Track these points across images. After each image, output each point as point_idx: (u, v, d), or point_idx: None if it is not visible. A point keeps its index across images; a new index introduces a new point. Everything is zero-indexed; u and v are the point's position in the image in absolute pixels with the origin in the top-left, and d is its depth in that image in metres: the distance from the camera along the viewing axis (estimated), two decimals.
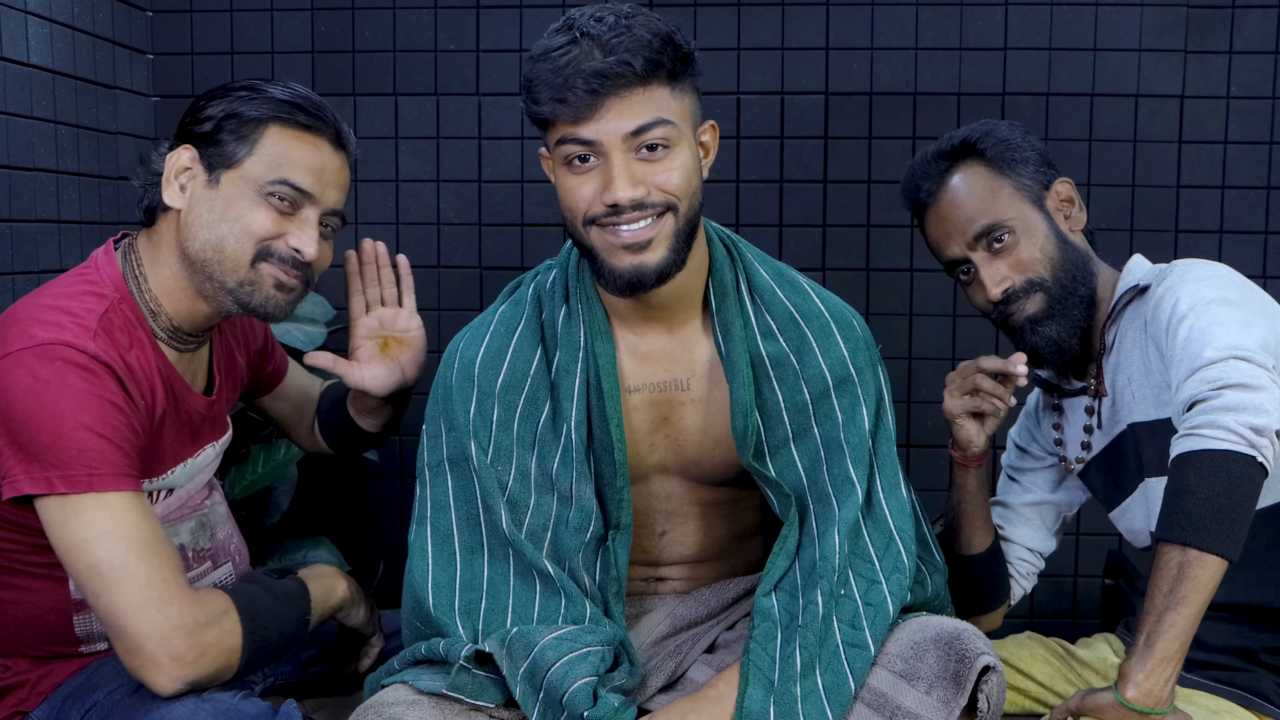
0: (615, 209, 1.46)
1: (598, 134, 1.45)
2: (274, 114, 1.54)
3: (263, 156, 1.54)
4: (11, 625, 1.57)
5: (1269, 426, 1.40)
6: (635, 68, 1.43)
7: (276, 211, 1.54)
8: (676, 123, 1.47)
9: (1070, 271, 1.69)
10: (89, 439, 1.41)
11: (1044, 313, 1.68)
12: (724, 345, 1.59)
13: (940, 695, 1.39)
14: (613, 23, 1.45)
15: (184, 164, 1.55)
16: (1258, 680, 1.58)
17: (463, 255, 2.71)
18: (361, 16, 2.68)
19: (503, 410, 1.59)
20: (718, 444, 1.62)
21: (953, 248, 1.73)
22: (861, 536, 1.53)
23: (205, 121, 1.55)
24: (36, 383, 1.42)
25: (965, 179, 1.72)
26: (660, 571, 1.68)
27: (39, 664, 1.58)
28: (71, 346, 1.44)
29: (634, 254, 1.48)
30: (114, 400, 1.45)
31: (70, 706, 1.54)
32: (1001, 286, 1.69)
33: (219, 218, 1.54)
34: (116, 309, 1.52)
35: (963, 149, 1.73)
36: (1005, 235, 1.68)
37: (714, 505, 1.67)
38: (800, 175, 2.66)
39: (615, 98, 1.43)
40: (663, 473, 1.64)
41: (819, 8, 2.63)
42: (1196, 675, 1.62)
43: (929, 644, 1.43)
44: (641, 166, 1.46)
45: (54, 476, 1.40)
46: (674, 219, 1.49)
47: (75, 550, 1.41)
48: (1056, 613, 2.69)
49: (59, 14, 2.29)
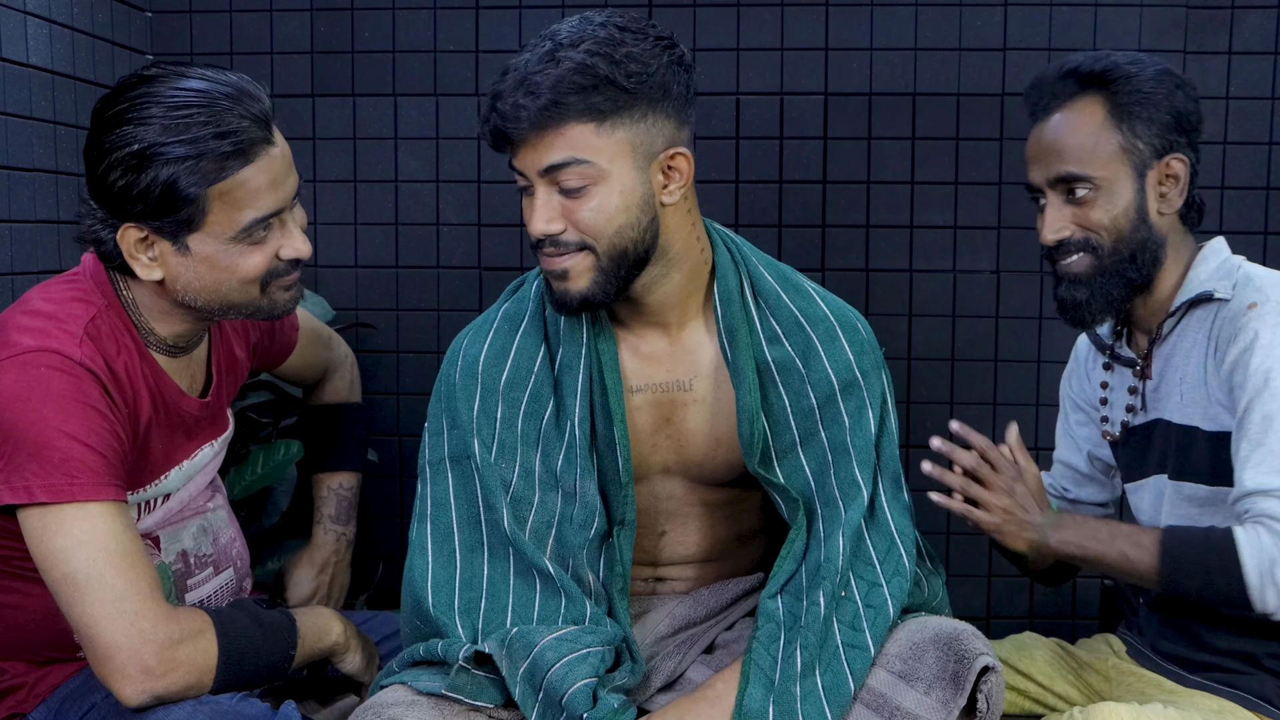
0: (538, 240, 1.51)
1: (520, 165, 1.50)
2: (211, 177, 1.43)
3: (219, 212, 1.45)
4: (10, 629, 1.56)
5: None
6: (530, 112, 1.44)
7: (258, 244, 1.50)
8: (596, 161, 1.46)
9: (1131, 251, 1.63)
10: (71, 447, 1.40)
11: (1085, 276, 1.64)
12: (729, 351, 1.59)
13: (939, 695, 1.40)
14: (543, 54, 1.44)
15: (137, 237, 1.47)
16: (1261, 684, 1.58)
17: (462, 256, 2.71)
18: (361, 17, 2.68)
19: (506, 407, 1.59)
20: (720, 445, 1.62)
21: (1034, 173, 1.67)
22: (864, 539, 1.54)
23: (138, 201, 1.43)
24: (21, 390, 1.41)
25: (1078, 115, 1.63)
26: (660, 571, 1.68)
27: (36, 667, 1.58)
28: (57, 353, 1.43)
29: (557, 280, 1.52)
30: (98, 407, 1.44)
31: (68, 709, 1.54)
32: (1058, 235, 1.64)
33: (209, 278, 1.50)
34: (104, 316, 1.50)
35: (1096, 80, 1.63)
36: (1085, 190, 1.61)
37: (715, 506, 1.67)
38: (800, 175, 2.66)
39: (530, 136, 1.46)
40: (665, 473, 1.64)
41: (819, 8, 2.62)
42: (1199, 677, 1.62)
43: (928, 644, 1.43)
44: (564, 201, 1.49)
45: (34, 485, 1.39)
46: (593, 256, 1.50)
47: (51, 559, 1.40)
48: (1056, 613, 2.69)
49: (58, 14, 2.29)
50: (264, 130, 1.47)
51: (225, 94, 1.44)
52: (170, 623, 1.41)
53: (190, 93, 1.43)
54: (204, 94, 1.43)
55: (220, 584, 1.70)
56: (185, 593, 1.64)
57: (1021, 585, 2.71)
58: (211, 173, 1.42)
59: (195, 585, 1.64)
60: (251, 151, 1.45)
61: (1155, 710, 1.47)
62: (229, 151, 1.43)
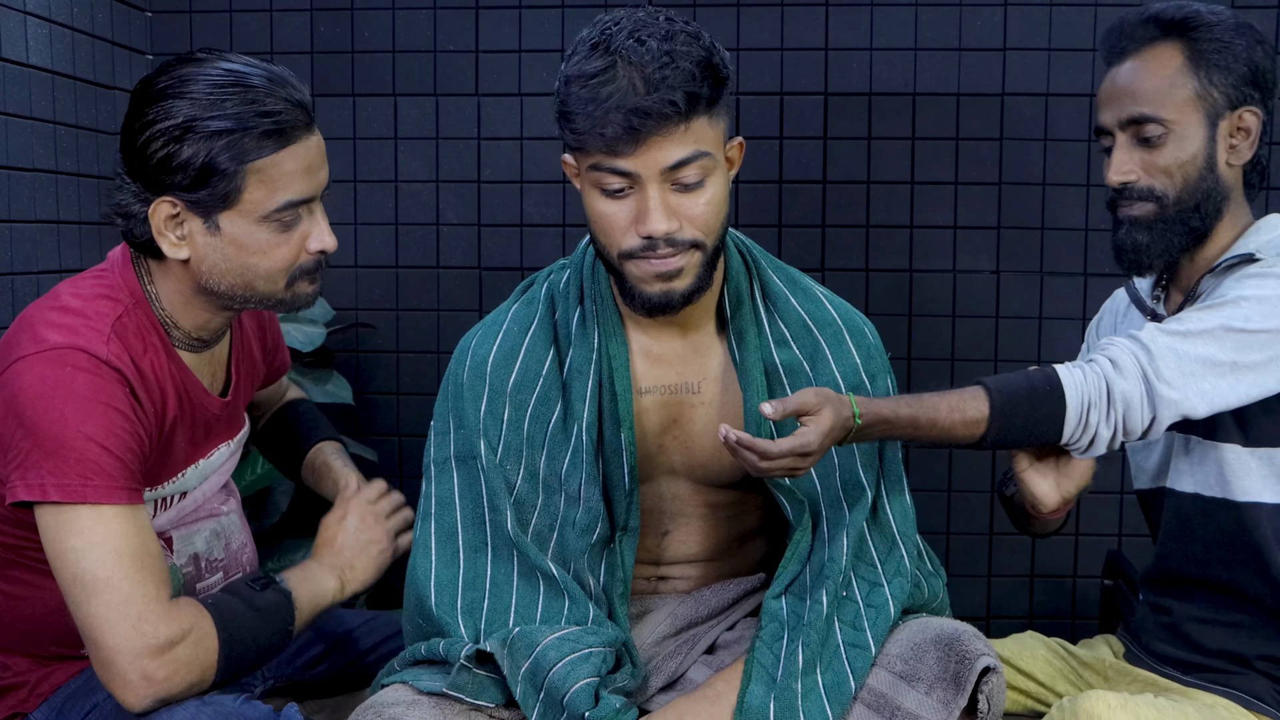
0: (650, 241, 1.46)
1: (635, 167, 1.43)
2: (251, 155, 1.45)
3: (255, 189, 1.47)
4: (18, 622, 1.56)
5: (1118, 434, 1.51)
6: (679, 106, 1.40)
7: (287, 229, 1.51)
8: (713, 152, 1.46)
9: (1195, 200, 1.61)
10: (89, 449, 1.40)
11: (1145, 222, 1.63)
12: (738, 353, 1.60)
13: (940, 696, 1.40)
14: (656, 50, 1.41)
15: (169, 213, 1.47)
16: (1253, 683, 1.58)
17: (462, 256, 2.71)
18: (361, 17, 2.68)
19: (513, 409, 1.59)
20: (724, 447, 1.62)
21: (1104, 114, 1.65)
22: (866, 541, 1.54)
23: (178, 172, 1.44)
24: (45, 388, 1.41)
25: (1155, 59, 1.61)
26: (663, 571, 1.69)
27: (40, 665, 1.58)
28: (83, 351, 1.43)
29: (665, 282, 1.49)
30: (120, 408, 1.43)
31: (71, 708, 1.54)
32: (1123, 178, 1.62)
33: (237, 263, 1.50)
34: (131, 314, 1.50)
35: (1176, 26, 1.62)
36: (1155, 133, 1.60)
37: (718, 507, 1.67)
38: (800, 175, 2.66)
39: (657, 135, 1.41)
40: (670, 474, 1.64)
41: (819, 8, 2.63)
42: (1193, 678, 1.62)
43: (929, 645, 1.43)
44: (676, 198, 1.46)
45: (49, 485, 1.39)
46: (700, 252, 1.49)
47: (62, 558, 1.40)
48: (1056, 613, 2.69)
49: (58, 14, 2.29)
50: (305, 116, 1.49)
51: (269, 77, 1.48)
52: (171, 624, 1.41)
53: (234, 73, 1.46)
54: (247, 75, 1.47)
55: None
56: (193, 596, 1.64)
57: (1021, 585, 2.71)
58: (251, 150, 1.44)
59: (204, 589, 1.64)
60: (291, 134, 1.47)
61: (1144, 700, 1.47)
62: (269, 130, 1.45)
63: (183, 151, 1.44)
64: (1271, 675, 1.58)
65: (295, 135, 1.48)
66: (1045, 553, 2.69)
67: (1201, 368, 1.51)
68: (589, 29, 1.47)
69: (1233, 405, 1.52)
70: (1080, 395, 1.51)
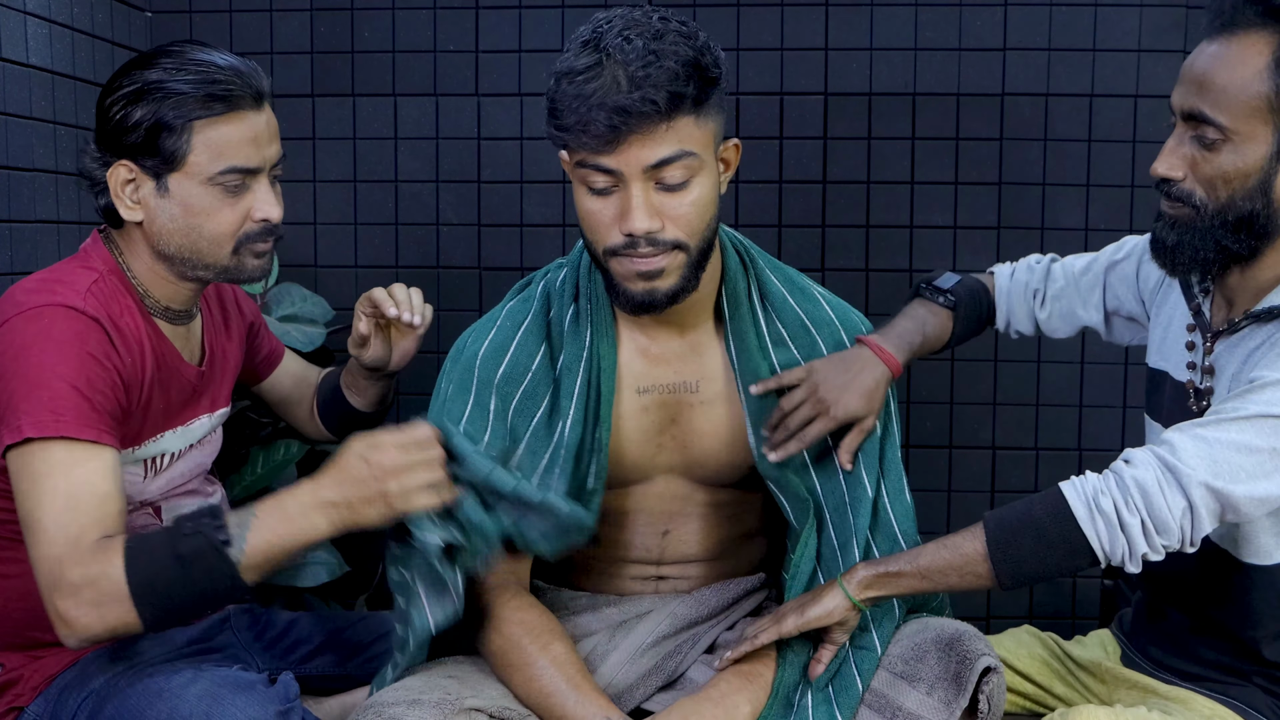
0: (631, 239, 1.46)
1: (617, 164, 1.43)
2: (196, 113, 1.55)
3: (200, 152, 1.55)
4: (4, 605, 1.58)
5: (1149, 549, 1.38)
6: (660, 105, 1.40)
7: (233, 195, 1.58)
8: (698, 152, 1.45)
9: (1237, 219, 1.45)
10: (62, 388, 1.44)
11: (1176, 223, 1.49)
12: (736, 356, 1.60)
13: (941, 696, 1.40)
14: (642, 49, 1.40)
15: (125, 178, 1.58)
16: (1250, 694, 1.57)
17: (462, 256, 2.71)
18: (361, 17, 2.68)
19: (499, 400, 1.59)
20: (725, 447, 1.62)
21: (1176, 92, 1.48)
22: (870, 542, 1.55)
23: (131, 131, 1.55)
24: (26, 339, 1.46)
25: (1241, 50, 1.42)
26: (663, 570, 1.69)
27: (31, 658, 1.59)
28: (62, 305, 1.49)
29: (647, 281, 1.48)
30: (95, 354, 1.48)
31: (68, 696, 1.55)
32: (1167, 171, 1.48)
33: (183, 223, 1.58)
34: (105, 279, 1.58)
35: (1277, 14, 1.42)
36: (1212, 137, 1.44)
37: (718, 506, 1.67)
38: (799, 176, 2.66)
39: (638, 133, 1.41)
40: (669, 473, 1.65)
41: (818, 8, 2.63)
42: (1191, 684, 1.61)
43: (929, 645, 1.44)
44: (659, 197, 1.45)
45: (24, 423, 1.42)
46: (684, 253, 1.48)
47: (21, 498, 1.43)
48: (1055, 613, 2.69)
49: (58, 14, 2.29)
50: (255, 99, 1.59)
51: (231, 64, 1.59)
52: (80, 565, 1.38)
53: (200, 57, 1.58)
54: (211, 58, 1.58)
55: None
56: None
57: None
58: (196, 110, 1.54)
59: None
60: (237, 103, 1.56)
61: (1137, 714, 1.46)
62: (216, 95, 1.55)
63: (135, 112, 1.54)
64: (1270, 690, 1.57)
65: (242, 105, 1.57)
66: None
67: (1235, 453, 1.38)
68: (585, 26, 1.47)
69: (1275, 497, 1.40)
70: (1079, 491, 1.41)
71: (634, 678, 1.57)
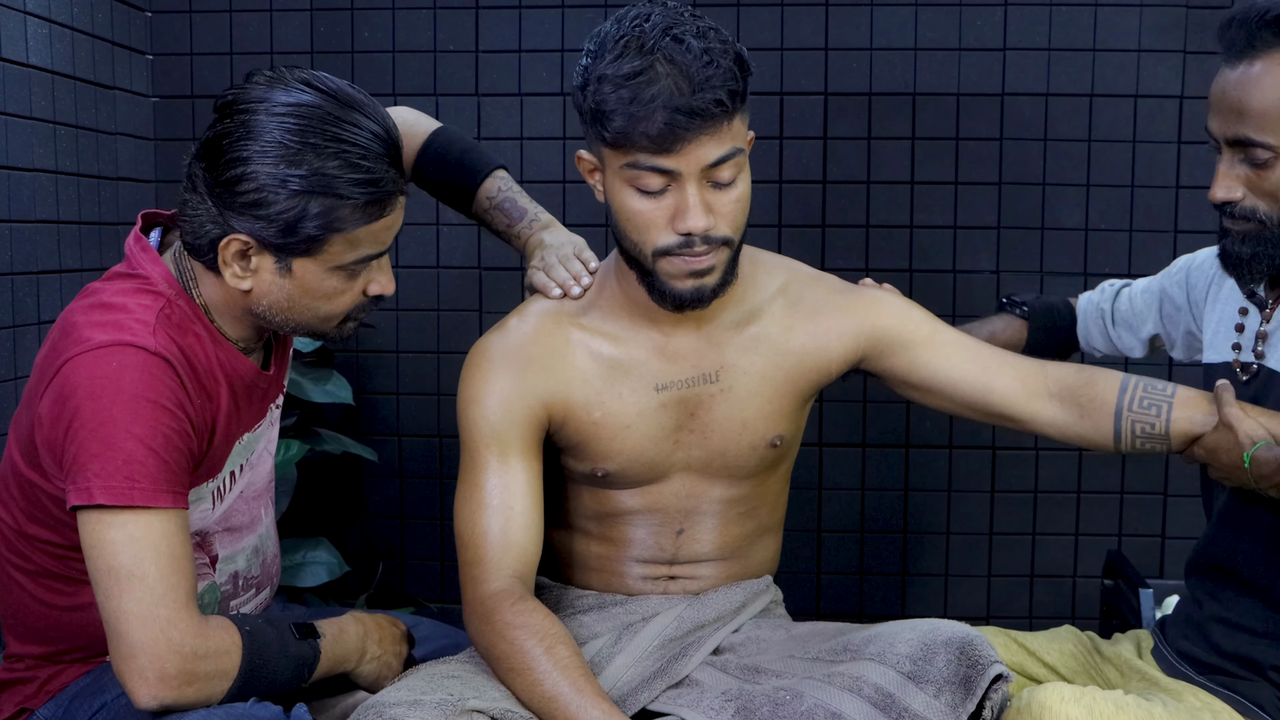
0: (688, 238, 1.47)
1: (678, 165, 1.44)
2: (360, 222, 1.45)
3: (339, 246, 1.47)
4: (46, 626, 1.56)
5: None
6: (726, 105, 1.42)
7: (354, 277, 1.51)
8: (744, 148, 1.49)
9: None
10: (136, 449, 1.38)
11: (1246, 237, 1.53)
12: (758, 354, 1.62)
13: (949, 699, 1.37)
14: (697, 49, 1.41)
15: (240, 249, 1.46)
16: (1258, 690, 1.57)
17: (462, 256, 2.71)
18: (360, 17, 2.68)
19: None
20: (746, 428, 1.62)
21: (1212, 122, 1.53)
22: None
23: (262, 220, 1.43)
24: (94, 386, 1.39)
25: (1269, 69, 1.46)
26: (675, 570, 1.69)
27: (51, 663, 1.58)
28: (131, 345, 1.41)
29: (697, 278, 1.51)
30: (168, 405, 1.42)
31: (78, 706, 1.54)
32: (1227, 195, 1.52)
33: (300, 302, 1.50)
34: (173, 305, 1.49)
35: None
36: (1263, 157, 1.48)
37: (734, 502, 1.68)
38: (799, 175, 2.66)
39: (703, 134, 1.42)
40: (685, 470, 1.65)
41: (818, 8, 2.63)
42: (1204, 679, 1.61)
43: (939, 646, 1.41)
44: (711, 195, 1.47)
45: (95, 487, 1.37)
46: (729, 250, 1.51)
47: (99, 548, 1.39)
48: (1055, 613, 2.69)
49: (58, 14, 2.29)
50: (400, 178, 1.48)
51: (379, 148, 1.45)
52: (199, 637, 1.39)
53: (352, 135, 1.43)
54: (363, 139, 1.43)
55: (259, 602, 1.70)
56: (227, 613, 1.63)
57: (1021, 585, 2.71)
58: (346, 221, 1.44)
59: (238, 606, 1.65)
60: (388, 205, 1.47)
61: (1105, 695, 1.45)
62: (375, 199, 1.45)
63: (274, 203, 1.42)
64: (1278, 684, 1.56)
65: (391, 205, 1.48)
66: (1045, 553, 2.69)
67: None
68: (613, 25, 1.46)
69: None
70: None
71: (639, 680, 1.57)
